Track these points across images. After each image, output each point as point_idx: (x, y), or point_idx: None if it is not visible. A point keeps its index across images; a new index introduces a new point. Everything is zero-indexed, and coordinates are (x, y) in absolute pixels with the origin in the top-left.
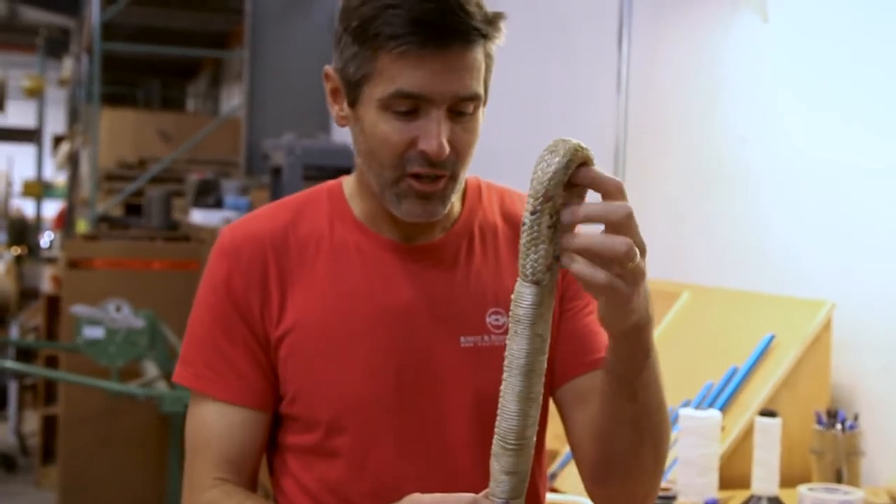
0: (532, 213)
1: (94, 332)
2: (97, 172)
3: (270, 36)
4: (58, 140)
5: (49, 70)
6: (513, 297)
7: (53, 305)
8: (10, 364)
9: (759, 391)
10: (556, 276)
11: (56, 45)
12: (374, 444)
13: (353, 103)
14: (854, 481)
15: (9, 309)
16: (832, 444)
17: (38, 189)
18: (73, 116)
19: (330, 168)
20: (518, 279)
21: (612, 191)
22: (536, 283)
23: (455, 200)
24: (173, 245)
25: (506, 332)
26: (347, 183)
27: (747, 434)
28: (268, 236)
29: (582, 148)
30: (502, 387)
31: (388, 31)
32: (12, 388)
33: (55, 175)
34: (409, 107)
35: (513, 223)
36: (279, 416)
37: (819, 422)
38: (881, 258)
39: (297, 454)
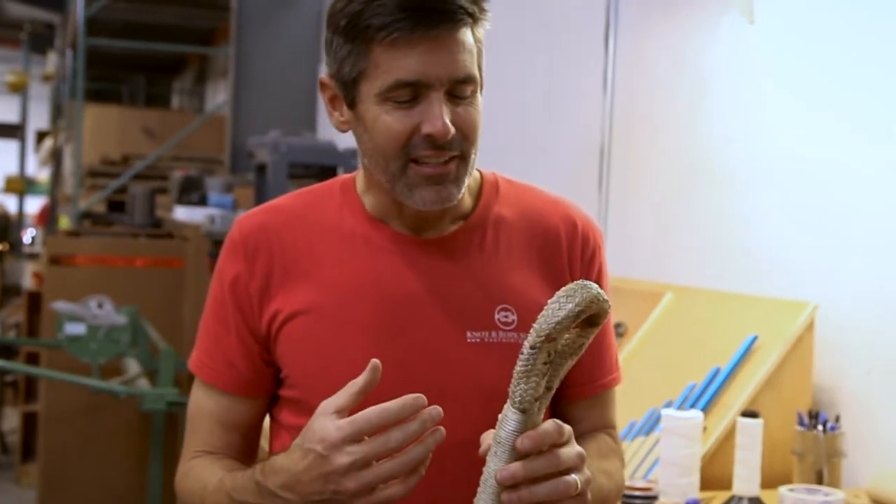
0: (531, 348)
1: (75, 329)
2: (80, 169)
3: (256, 33)
4: (41, 136)
5: (33, 65)
6: (500, 417)
7: (35, 302)
8: None
9: (741, 392)
10: (543, 406)
11: (40, 41)
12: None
13: (352, 104)
14: (835, 482)
15: None
16: (813, 446)
17: (21, 185)
18: (57, 112)
19: (315, 166)
20: (507, 402)
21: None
22: (523, 411)
23: (468, 195)
24: (156, 242)
25: (515, 330)
26: (359, 178)
27: (729, 435)
28: (276, 227)
29: (599, 300)
30: (475, 499)
31: (377, 21)
32: None
33: (38, 171)
34: (409, 95)
35: (531, 222)
36: (278, 396)
37: (801, 423)
38: (865, 260)
39: (292, 432)
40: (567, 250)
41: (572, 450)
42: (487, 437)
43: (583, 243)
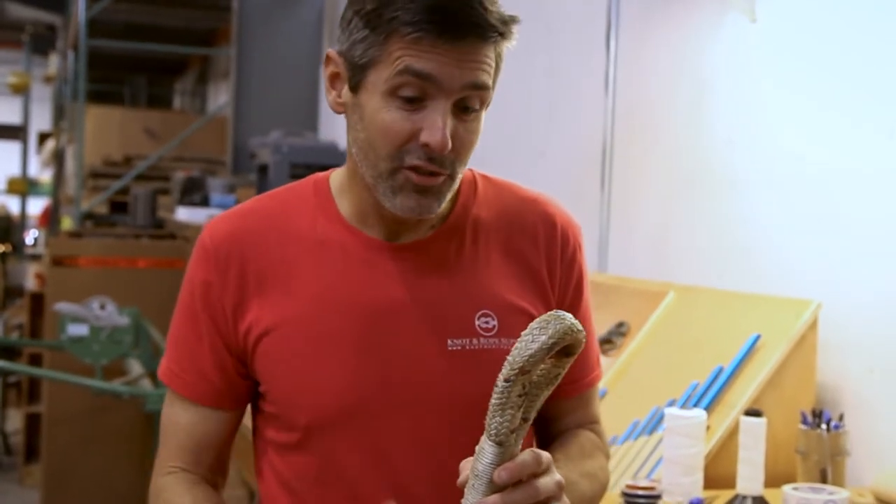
0: (505, 381)
1: (78, 330)
2: (82, 170)
3: (258, 34)
4: (43, 137)
5: (35, 67)
6: (476, 449)
7: (38, 303)
8: None
9: (744, 391)
10: (520, 438)
11: (42, 42)
12: (354, 448)
13: (355, 88)
14: (839, 481)
15: None
16: (817, 444)
17: (23, 186)
18: (59, 113)
19: (317, 166)
20: (483, 435)
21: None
22: (499, 443)
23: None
24: (158, 243)
25: (496, 336)
26: (335, 177)
27: (732, 434)
28: (248, 234)
29: (573, 331)
30: None
31: (405, 16)
32: None
33: (40, 172)
34: (417, 92)
35: (510, 223)
36: (260, 408)
37: (804, 422)
38: (867, 259)
39: (276, 446)
40: (545, 251)
41: (551, 479)
42: (466, 467)
43: (562, 243)
